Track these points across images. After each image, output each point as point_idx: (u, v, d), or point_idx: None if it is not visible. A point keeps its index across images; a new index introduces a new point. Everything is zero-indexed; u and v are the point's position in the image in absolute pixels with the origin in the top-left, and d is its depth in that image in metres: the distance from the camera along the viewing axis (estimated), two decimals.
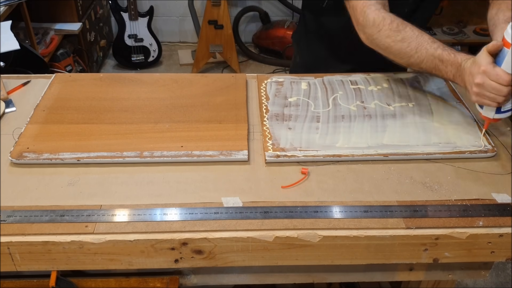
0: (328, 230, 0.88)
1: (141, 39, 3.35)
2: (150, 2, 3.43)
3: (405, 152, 1.04)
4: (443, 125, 1.12)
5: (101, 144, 1.04)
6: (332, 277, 1.05)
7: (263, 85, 1.26)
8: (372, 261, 0.92)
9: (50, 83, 1.24)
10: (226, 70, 3.49)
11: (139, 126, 1.10)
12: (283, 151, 1.03)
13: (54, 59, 2.76)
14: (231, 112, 1.15)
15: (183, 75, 1.31)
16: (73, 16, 2.90)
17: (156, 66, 3.53)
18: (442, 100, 1.21)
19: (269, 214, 0.90)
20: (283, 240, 0.87)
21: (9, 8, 2.22)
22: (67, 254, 0.87)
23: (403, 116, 1.15)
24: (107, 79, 1.28)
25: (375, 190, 0.96)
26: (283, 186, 0.96)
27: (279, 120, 1.13)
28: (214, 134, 1.08)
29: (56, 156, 1.01)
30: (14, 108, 1.18)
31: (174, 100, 1.19)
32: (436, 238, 0.88)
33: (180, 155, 1.02)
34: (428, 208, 0.92)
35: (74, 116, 1.13)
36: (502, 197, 0.95)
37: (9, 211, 0.90)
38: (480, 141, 1.07)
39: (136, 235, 0.86)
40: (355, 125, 1.12)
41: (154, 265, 0.90)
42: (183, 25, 3.76)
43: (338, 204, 0.93)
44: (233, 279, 1.03)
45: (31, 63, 2.25)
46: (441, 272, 1.05)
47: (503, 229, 0.89)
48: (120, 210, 0.90)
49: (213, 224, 0.88)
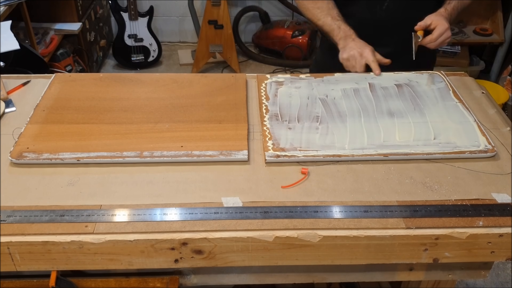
0: (328, 230, 0.88)
1: (141, 39, 3.35)
2: (150, 2, 3.43)
3: (405, 152, 1.04)
4: (443, 125, 1.12)
5: (101, 144, 1.04)
6: (332, 277, 1.05)
7: (263, 85, 1.26)
8: (372, 261, 0.92)
9: (50, 83, 1.24)
10: (226, 70, 3.49)
11: (139, 126, 1.10)
12: (283, 151, 1.03)
13: (54, 59, 2.76)
14: (231, 112, 1.15)
15: (183, 75, 1.31)
16: (73, 16, 2.90)
17: (156, 66, 3.53)
18: (442, 100, 1.21)
19: (269, 214, 0.90)
20: (283, 240, 0.87)
21: (9, 8, 2.21)
22: (67, 254, 0.87)
23: (403, 115, 1.15)
24: (107, 79, 1.28)
25: (375, 190, 0.96)
26: (283, 186, 0.96)
27: (279, 120, 1.13)
28: (214, 134, 1.08)
29: (56, 156, 1.01)
30: (14, 108, 1.18)
31: (174, 100, 1.19)
32: (436, 238, 0.88)
33: (180, 155, 1.02)
34: (428, 208, 0.92)
35: (74, 116, 1.13)
36: (502, 197, 0.95)
37: (9, 211, 0.89)
38: (480, 141, 1.07)
39: (136, 235, 0.86)
40: (355, 125, 1.12)
41: (154, 265, 0.90)
42: (183, 25, 3.76)
43: (338, 204, 0.93)
44: (233, 279, 1.03)
45: (31, 63, 2.25)
46: (441, 272, 1.05)
47: (503, 229, 0.89)
48: (120, 210, 0.90)
49: (213, 224, 0.88)
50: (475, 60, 3.23)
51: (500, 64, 3.22)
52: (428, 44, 1.27)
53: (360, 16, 1.42)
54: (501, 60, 3.20)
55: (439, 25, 1.25)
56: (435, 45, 1.27)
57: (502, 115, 1.19)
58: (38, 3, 2.70)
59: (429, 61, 1.56)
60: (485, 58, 3.31)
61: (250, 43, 3.78)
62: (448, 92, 1.24)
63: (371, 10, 1.40)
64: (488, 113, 1.19)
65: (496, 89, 2.91)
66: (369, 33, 1.38)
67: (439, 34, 1.25)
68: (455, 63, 3.17)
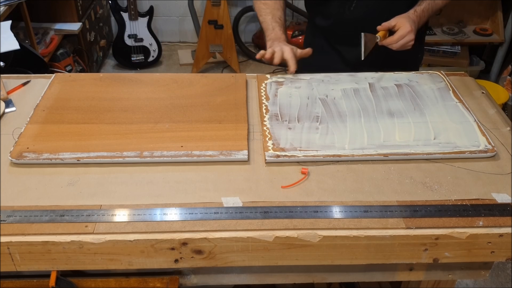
0: (328, 230, 0.88)
1: (141, 39, 3.35)
2: (150, 2, 3.43)
3: (405, 152, 1.04)
4: (443, 125, 1.12)
5: (101, 144, 1.04)
6: (332, 277, 1.05)
7: (263, 85, 1.26)
8: (372, 261, 0.92)
9: (50, 83, 1.24)
10: (226, 70, 3.49)
11: (139, 126, 1.10)
12: (283, 151, 1.03)
13: (54, 59, 2.76)
14: (231, 112, 1.15)
15: (183, 75, 1.31)
16: (73, 16, 2.90)
17: (156, 66, 3.53)
18: (442, 100, 1.21)
19: (269, 214, 0.90)
20: (283, 240, 0.87)
21: (9, 8, 2.21)
22: (67, 254, 0.87)
23: (403, 115, 1.15)
24: (107, 79, 1.28)
25: (375, 190, 0.96)
26: (283, 186, 0.96)
27: (279, 120, 1.13)
28: (214, 134, 1.08)
29: (56, 156, 1.00)
30: (14, 108, 1.18)
31: (174, 100, 1.19)
32: (436, 238, 0.88)
33: (180, 155, 1.02)
34: (428, 208, 0.92)
35: (74, 116, 1.13)
36: (502, 197, 0.95)
37: (9, 211, 0.89)
38: (480, 141, 1.07)
39: (136, 235, 0.86)
40: (355, 125, 1.12)
41: (154, 265, 0.90)
42: (183, 25, 3.76)
43: (338, 204, 0.93)
44: (233, 279, 1.03)
45: (31, 63, 2.25)
46: (441, 272, 1.05)
47: (503, 229, 0.89)
48: (120, 210, 0.90)
49: (213, 224, 0.88)
50: (475, 60, 3.23)
51: (500, 64, 3.22)
52: (389, 46, 1.26)
53: (331, 16, 1.44)
54: (501, 60, 3.20)
55: (402, 28, 1.24)
56: (396, 47, 1.26)
57: (502, 115, 1.19)
58: (38, 3, 2.70)
59: (411, 60, 1.54)
60: (485, 58, 3.31)
61: (250, 43, 3.77)
62: (448, 92, 1.24)
63: (340, 10, 1.41)
64: (488, 113, 1.19)
65: (496, 89, 2.91)
66: (340, 33, 1.41)
67: (400, 36, 1.24)
68: (455, 63, 3.17)
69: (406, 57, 1.41)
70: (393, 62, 1.35)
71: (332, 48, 1.51)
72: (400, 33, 1.24)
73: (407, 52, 1.30)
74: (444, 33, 3.12)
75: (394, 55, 1.30)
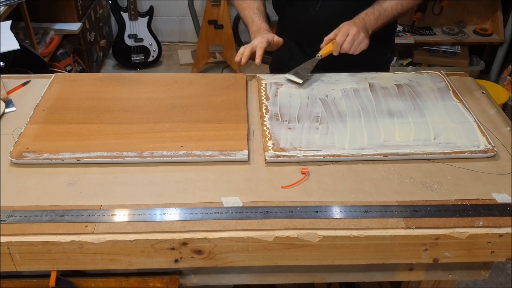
0: (328, 230, 0.88)
1: (141, 39, 3.35)
2: (150, 2, 3.43)
3: (405, 152, 1.04)
4: (443, 125, 1.12)
5: (101, 144, 1.04)
6: (332, 277, 1.05)
7: (263, 85, 1.26)
8: (372, 261, 0.92)
9: (50, 83, 1.24)
10: (226, 70, 3.49)
11: (139, 126, 1.10)
12: (283, 151, 1.03)
13: (54, 59, 2.76)
14: (231, 112, 1.15)
15: (183, 75, 1.31)
16: (73, 16, 2.90)
17: (156, 66, 3.53)
18: (442, 100, 1.21)
19: (269, 214, 0.90)
20: (283, 240, 0.87)
21: (9, 8, 2.21)
22: (67, 254, 0.87)
23: (403, 115, 1.15)
24: (107, 79, 1.28)
25: (375, 190, 0.96)
26: (283, 186, 0.96)
27: (279, 120, 1.13)
28: (214, 134, 1.08)
29: (56, 156, 1.01)
30: (14, 108, 1.18)
31: (174, 100, 1.19)
32: (436, 238, 0.88)
33: (180, 155, 1.02)
34: (428, 208, 0.92)
35: (74, 116, 1.13)
36: (502, 197, 0.95)
37: (9, 211, 0.89)
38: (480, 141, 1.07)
39: (136, 235, 0.86)
40: (355, 125, 1.12)
41: (154, 265, 0.90)
42: (183, 25, 3.76)
43: (338, 204, 0.93)
44: (233, 279, 1.03)
45: (31, 63, 2.25)
46: (441, 272, 1.05)
47: (503, 229, 0.89)
48: (120, 210, 0.90)
49: (213, 224, 0.88)
50: (475, 60, 3.23)
51: (500, 64, 3.22)
52: (346, 51, 1.25)
53: (297, 16, 1.44)
54: (501, 60, 3.20)
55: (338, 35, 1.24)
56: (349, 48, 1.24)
57: (502, 115, 1.19)
58: (38, 3, 2.70)
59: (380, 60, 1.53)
60: (485, 58, 3.31)
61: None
62: (448, 92, 1.24)
63: (306, 10, 1.40)
64: (488, 113, 1.19)
65: (496, 89, 2.91)
66: (307, 33, 1.41)
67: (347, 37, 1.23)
68: (455, 63, 3.17)
69: (375, 58, 1.42)
70: (363, 63, 1.33)
71: (300, 50, 1.50)
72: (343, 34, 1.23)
73: (376, 52, 1.30)
74: (444, 33, 3.12)
75: (363, 56, 1.28)
